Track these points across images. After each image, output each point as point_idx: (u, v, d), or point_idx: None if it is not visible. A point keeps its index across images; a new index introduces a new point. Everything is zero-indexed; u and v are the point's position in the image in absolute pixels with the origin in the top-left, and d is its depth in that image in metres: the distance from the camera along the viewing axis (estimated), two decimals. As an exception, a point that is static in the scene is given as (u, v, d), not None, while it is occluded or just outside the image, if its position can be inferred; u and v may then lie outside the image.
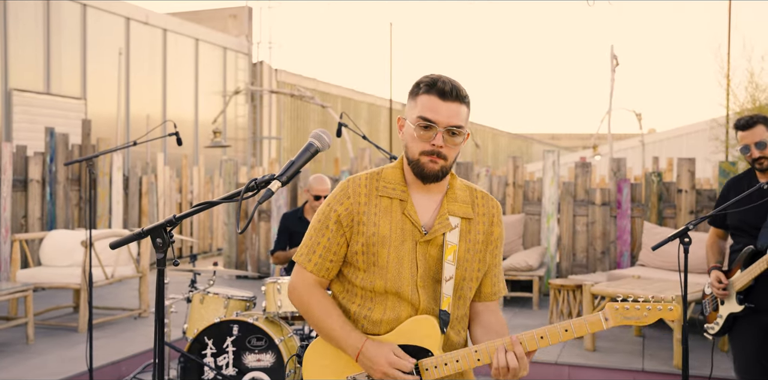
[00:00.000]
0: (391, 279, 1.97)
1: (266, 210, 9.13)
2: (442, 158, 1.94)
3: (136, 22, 13.63)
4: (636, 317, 1.82)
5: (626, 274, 6.37)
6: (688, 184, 7.29)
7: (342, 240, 2.00)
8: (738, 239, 3.36)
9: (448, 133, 1.93)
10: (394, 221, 1.98)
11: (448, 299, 1.99)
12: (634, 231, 7.52)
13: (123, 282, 8.63)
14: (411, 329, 1.98)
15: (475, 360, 1.92)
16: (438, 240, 1.99)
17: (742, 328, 3.31)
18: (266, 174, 6.13)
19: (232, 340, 4.10)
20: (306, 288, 2.04)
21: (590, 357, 5.35)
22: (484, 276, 2.09)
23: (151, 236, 1.57)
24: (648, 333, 6.10)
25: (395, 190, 2.01)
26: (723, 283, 3.28)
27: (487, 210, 2.09)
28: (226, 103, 14.62)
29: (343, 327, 1.98)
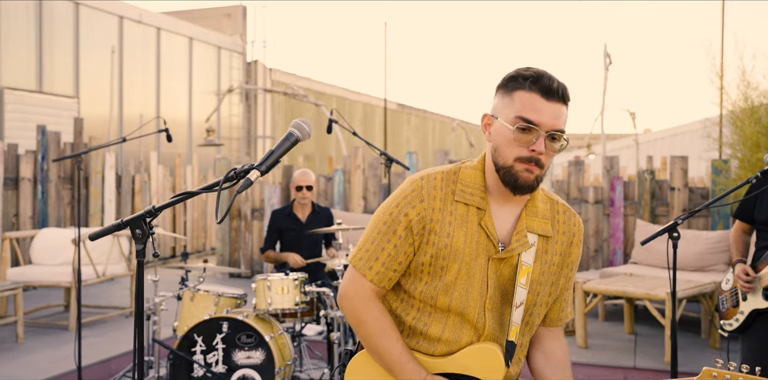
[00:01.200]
0: (458, 297, 1.74)
1: (259, 209, 9.11)
2: (540, 166, 1.69)
3: (129, 21, 13.59)
4: None
5: (619, 272, 6.36)
6: (681, 181, 7.29)
7: (410, 250, 1.76)
8: (766, 235, 3.26)
9: (549, 138, 1.68)
10: (469, 232, 1.74)
11: (516, 328, 1.77)
12: (627, 229, 7.52)
13: (115, 282, 8.60)
14: (471, 358, 1.76)
15: None
16: (513, 260, 1.77)
17: (762, 325, 3.21)
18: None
19: (222, 337, 4.08)
20: (363, 302, 1.80)
21: (582, 355, 5.34)
22: (554, 301, 1.87)
23: (130, 227, 1.55)
24: (640, 331, 6.09)
25: (473, 195, 1.76)
26: (750, 276, 3.18)
27: (567, 229, 1.84)
28: (220, 101, 14.59)
29: (402, 353, 1.76)
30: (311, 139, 19.83)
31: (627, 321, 6.04)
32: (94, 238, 1.56)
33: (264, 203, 9.09)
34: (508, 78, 1.72)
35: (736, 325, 3.30)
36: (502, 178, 1.72)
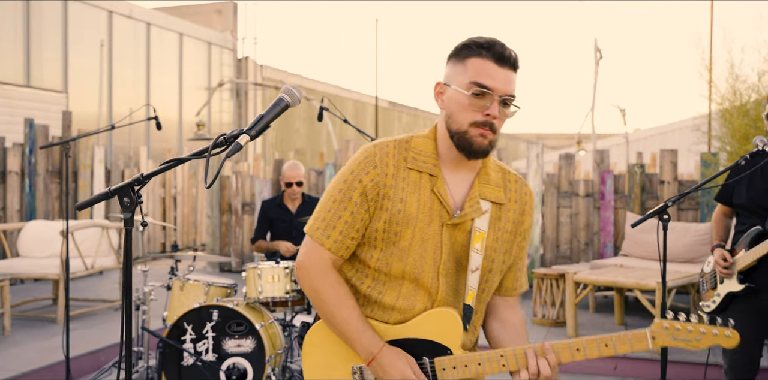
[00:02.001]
0: (412, 263, 1.75)
1: (250, 203, 9.08)
2: (493, 131, 1.72)
3: (119, 16, 13.52)
4: (687, 339, 1.63)
5: (609, 264, 6.38)
6: (671, 175, 7.31)
7: (366, 216, 1.76)
8: (744, 219, 3.32)
9: (501, 104, 1.71)
10: (422, 198, 1.75)
11: (473, 292, 1.78)
12: (617, 222, 7.54)
13: (103, 276, 8.55)
14: (429, 322, 1.77)
15: (500, 366, 1.73)
16: (466, 226, 1.78)
17: (737, 308, 3.28)
18: (252, 170, 6.03)
19: (212, 326, 4.06)
20: (319, 271, 1.79)
21: (573, 345, 5.34)
22: (508, 270, 1.90)
23: (118, 195, 1.53)
24: (630, 322, 6.11)
25: (426, 163, 1.77)
26: (728, 261, 3.25)
27: (519, 197, 1.86)
28: (210, 94, 14.54)
29: (359, 322, 1.76)
30: (302, 133, 19.80)
31: (617, 312, 6.05)
32: (82, 208, 1.54)
33: (255, 197, 9.05)
34: (460, 46, 1.75)
35: (713, 307, 3.37)
36: (456, 144, 1.74)
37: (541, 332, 5.75)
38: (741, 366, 3.27)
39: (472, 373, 1.74)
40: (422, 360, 1.77)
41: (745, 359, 3.26)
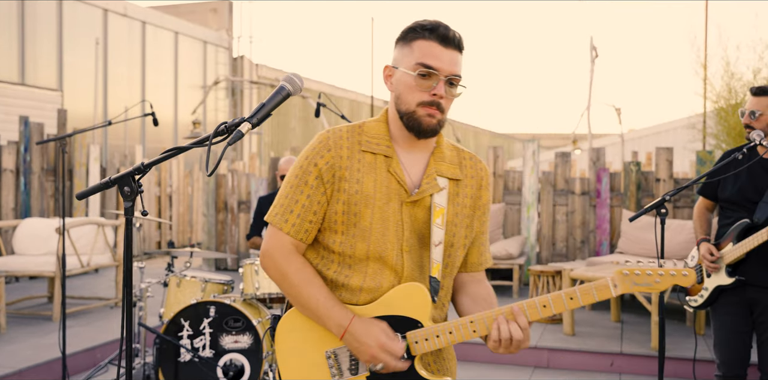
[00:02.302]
0: (375, 242, 1.78)
1: (246, 202, 9.07)
2: (441, 110, 1.77)
3: (114, 14, 13.48)
4: (647, 283, 1.66)
5: (605, 261, 6.39)
6: (666, 173, 7.33)
7: (323, 199, 1.80)
8: (729, 213, 3.33)
9: (448, 83, 1.77)
10: (378, 179, 1.80)
11: (438, 266, 1.82)
12: (613, 220, 7.55)
13: (99, 274, 8.53)
14: (397, 298, 1.80)
15: (471, 332, 1.74)
16: (425, 202, 1.83)
17: (725, 301, 3.31)
18: (248, 169, 6.01)
19: (209, 322, 4.05)
20: (283, 255, 1.82)
21: (569, 341, 5.35)
22: (471, 245, 1.94)
23: (118, 185, 1.53)
24: (626, 319, 6.13)
25: (379, 145, 1.82)
26: (714, 256, 3.27)
27: (475, 173, 1.93)
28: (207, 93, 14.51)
29: (327, 299, 1.78)
30: (298, 132, 19.78)
31: (613, 310, 6.06)
32: (83, 197, 1.54)
33: (251, 196, 9.04)
34: (406, 30, 1.80)
35: (701, 301, 3.39)
36: (406, 124, 1.79)
37: (538, 329, 5.76)
38: (733, 360, 3.28)
39: (444, 342, 1.76)
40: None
41: (736, 352, 3.28)
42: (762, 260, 3.18)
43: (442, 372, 1.89)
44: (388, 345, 1.73)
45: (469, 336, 1.75)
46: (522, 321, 1.70)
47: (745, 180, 3.25)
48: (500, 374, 5.00)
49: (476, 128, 35.97)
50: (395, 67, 1.82)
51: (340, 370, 1.82)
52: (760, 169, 3.22)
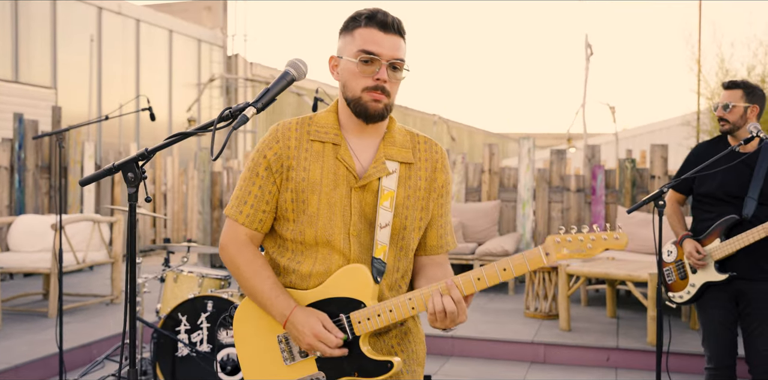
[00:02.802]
0: (322, 227, 1.84)
1: (241, 199, 9.05)
2: (386, 95, 1.81)
3: (108, 12, 13.45)
4: (579, 249, 1.64)
5: (601, 256, 6.41)
6: (661, 170, 7.36)
7: (273, 189, 1.87)
8: (709, 207, 3.35)
9: (390, 68, 1.81)
10: (326, 166, 1.85)
11: (383, 247, 1.85)
12: (608, 216, 7.58)
13: (94, 271, 8.50)
14: (341, 280, 1.84)
15: (410, 309, 1.78)
16: (373, 186, 1.86)
17: (712, 295, 3.34)
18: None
19: (207, 316, 4.04)
20: (236, 247, 1.90)
21: (566, 337, 5.37)
22: (429, 228, 1.96)
23: (122, 170, 1.53)
24: (621, 315, 6.15)
25: (328, 134, 1.87)
26: (702, 254, 3.29)
27: (430, 156, 1.94)
28: (202, 90, 14.48)
29: (272, 289, 1.85)
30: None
31: (609, 305, 6.08)
32: (86, 183, 1.54)
33: (246, 193, 9.03)
34: (348, 20, 1.85)
35: (688, 297, 3.42)
36: (353, 110, 1.83)
37: (534, 325, 5.78)
38: (722, 352, 3.31)
39: (386, 320, 1.79)
40: (339, 317, 1.83)
41: (725, 344, 3.31)
42: (750, 254, 3.22)
43: (407, 353, 1.94)
44: (322, 335, 1.78)
45: (408, 314, 1.78)
46: (456, 294, 1.71)
47: (726, 175, 3.27)
48: (497, 369, 5.02)
49: (471, 127, 36.00)
50: (340, 57, 1.86)
51: (291, 354, 1.88)
52: (740, 164, 3.25)
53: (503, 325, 5.76)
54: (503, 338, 5.36)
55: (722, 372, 3.31)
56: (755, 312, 3.23)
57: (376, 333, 1.90)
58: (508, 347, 5.31)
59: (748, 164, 3.26)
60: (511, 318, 6.04)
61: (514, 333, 5.50)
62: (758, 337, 3.23)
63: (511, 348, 5.30)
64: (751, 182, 3.21)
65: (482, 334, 5.43)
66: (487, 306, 6.60)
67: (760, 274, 3.22)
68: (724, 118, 3.31)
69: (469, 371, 4.92)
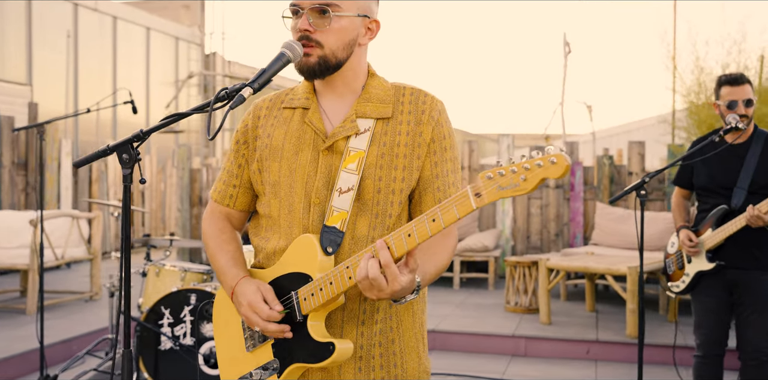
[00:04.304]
0: (284, 196, 1.69)
1: (221, 196, 9.02)
2: (317, 45, 1.64)
3: (84, 9, 13.31)
4: (513, 184, 1.36)
5: (579, 251, 6.49)
6: (639, 166, 7.46)
7: (242, 161, 1.78)
8: (705, 199, 3.41)
9: (316, 14, 1.64)
10: (290, 131, 1.72)
11: (341, 214, 1.64)
12: (586, 213, 7.66)
13: (72, 269, 8.42)
14: (292, 255, 1.68)
15: (347, 279, 1.55)
16: (340, 147, 1.68)
17: (706, 284, 3.39)
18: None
19: (190, 310, 4.03)
20: (208, 221, 1.85)
21: (546, 330, 5.43)
22: (423, 193, 1.71)
23: (117, 152, 1.53)
24: (601, 309, 6.22)
25: (300, 99, 1.74)
26: (693, 242, 3.35)
27: (414, 108, 1.71)
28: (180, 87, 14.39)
29: (228, 262, 1.76)
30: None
31: (588, 300, 6.15)
32: (80, 165, 1.54)
33: (225, 190, 9.00)
34: None
35: (683, 287, 3.47)
36: (297, 70, 1.69)
37: (515, 319, 5.83)
38: (712, 342, 3.37)
39: (327, 294, 1.58)
40: (290, 295, 1.67)
41: (716, 333, 3.36)
42: (740, 244, 3.27)
43: (386, 368, 1.71)
44: (255, 304, 1.64)
45: (346, 285, 1.56)
46: (385, 255, 1.47)
47: (717, 167, 3.33)
48: (478, 362, 5.06)
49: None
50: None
51: (253, 340, 1.76)
52: (729, 154, 3.31)
53: (484, 319, 5.80)
54: (484, 332, 5.41)
55: (710, 361, 3.37)
56: (747, 301, 3.28)
57: (357, 329, 1.68)
58: (490, 340, 5.36)
59: (739, 155, 3.30)
60: (492, 313, 6.08)
61: (495, 327, 5.55)
62: (750, 326, 3.28)
63: (492, 342, 5.34)
64: (741, 172, 3.26)
65: (463, 328, 5.47)
66: (467, 301, 6.64)
67: (752, 263, 3.27)
68: (746, 113, 3.23)
69: (450, 364, 4.95)
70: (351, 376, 1.68)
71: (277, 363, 1.69)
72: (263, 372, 1.71)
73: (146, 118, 15.03)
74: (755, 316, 3.26)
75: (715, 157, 3.28)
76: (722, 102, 3.26)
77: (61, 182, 9.00)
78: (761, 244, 3.26)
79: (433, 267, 1.67)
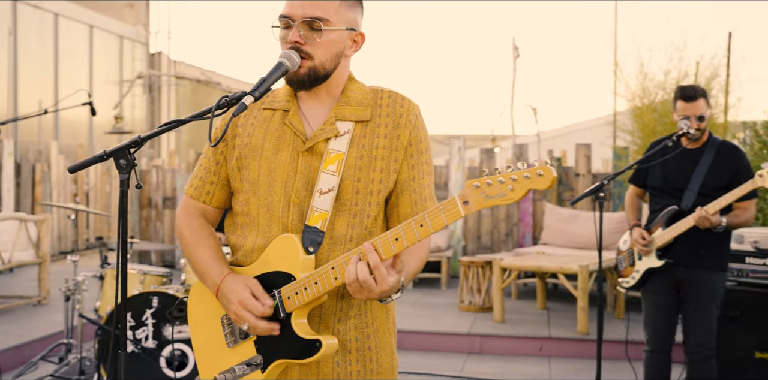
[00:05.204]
0: (263, 194, 1.74)
1: (171, 198, 8.92)
2: (307, 56, 1.69)
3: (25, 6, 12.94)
4: (501, 194, 1.43)
5: (531, 251, 6.67)
6: (585, 168, 7.70)
7: (221, 158, 1.82)
8: (658, 200, 3.59)
9: (306, 27, 1.69)
10: (269, 131, 1.76)
11: (322, 214, 1.70)
12: (535, 213, 7.87)
13: (15, 273, 8.19)
14: (273, 253, 1.72)
15: (333, 279, 1.61)
16: (321, 149, 1.73)
17: (654, 281, 3.56)
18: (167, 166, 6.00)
19: (152, 312, 4.02)
20: (184, 217, 1.86)
21: (500, 328, 5.57)
22: (400, 194, 1.77)
23: (114, 157, 1.56)
24: (551, 307, 6.41)
25: (280, 101, 1.80)
26: (646, 240, 3.51)
27: (392, 111, 1.77)
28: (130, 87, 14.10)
29: (210, 257, 1.78)
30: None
31: (540, 298, 6.33)
32: (75, 170, 1.56)
33: (176, 192, 8.90)
34: None
35: (633, 282, 3.65)
36: (286, 81, 1.74)
37: (469, 318, 5.96)
38: (661, 335, 3.55)
39: (312, 294, 1.64)
40: (272, 293, 1.71)
41: (664, 328, 3.55)
42: (688, 243, 3.45)
43: (362, 362, 1.78)
44: (247, 302, 1.67)
45: (332, 285, 1.62)
46: (373, 258, 1.54)
47: (671, 169, 3.52)
48: (435, 360, 5.16)
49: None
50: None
51: (234, 336, 1.79)
52: (683, 159, 3.49)
53: (439, 319, 5.92)
54: (440, 330, 5.52)
55: (659, 356, 3.55)
56: (692, 299, 3.47)
57: (334, 326, 1.75)
58: (446, 339, 5.47)
59: (692, 159, 3.49)
60: (446, 312, 6.20)
61: (450, 325, 5.67)
62: (693, 322, 3.46)
63: (448, 340, 5.46)
64: (693, 175, 3.44)
65: (419, 327, 5.57)
66: (420, 301, 6.75)
67: (698, 262, 3.46)
68: (700, 128, 3.41)
69: (408, 363, 5.04)
70: (329, 370, 1.75)
71: (261, 359, 1.73)
72: (246, 368, 1.75)
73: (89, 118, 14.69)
74: (699, 313, 3.45)
75: (671, 160, 3.47)
76: (677, 115, 3.45)
77: (3, 183, 8.76)
78: (707, 244, 3.44)
79: (414, 266, 1.76)
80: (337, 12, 1.70)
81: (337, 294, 1.74)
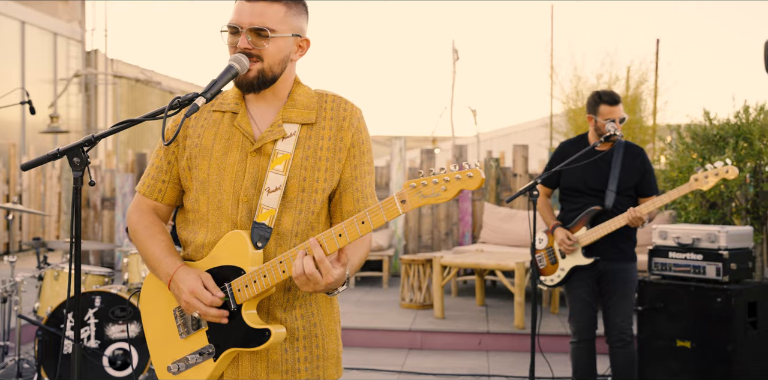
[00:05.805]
0: (212, 193, 1.83)
1: (110, 199, 8.79)
2: (258, 59, 1.78)
3: (-47, 0, 12.52)
4: (435, 194, 1.57)
5: (470, 249, 6.85)
6: (522, 168, 7.94)
7: (172, 158, 1.90)
8: (575, 200, 3.79)
9: (254, 34, 1.77)
10: (219, 132, 1.85)
11: (269, 211, 1.80)
12: (474, 212, 8.07)
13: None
14: (223, 249, 1.83)
15: (281, 272, 1.73)
16: (268, 150, 1.83)
17: (578, 277, 3.77)
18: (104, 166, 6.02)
19: (95, 312, 4.01)
20: (136, 214, 1.93)
21: (440, 324, 5.73)
22: (343, 193, 1.89)
23: (68, 155, 1.60)
24: (490, 303, 6.60)
25: (229, 104, 1.88)
26: (572, 240, 3.71)
27: (336, 115, 1.88)
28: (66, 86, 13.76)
29: (162, 251, 1.86)
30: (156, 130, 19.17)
31: (478, 295, 6.52)
32: (28, 167, 1.60)
33: (115, 192, 8.78)
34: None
35: (558, 280, 3.85)
36: (236, 84, 1.82)
37: (410, 315, 6.09)
38: (585, 326, 3.77)
39: (261, 286, 1.75)
40: (223, 286, 1.81)
41: (588, 319, 3.77)
42: (608, 239, 3.68)
43: (309, 349, 1.89)
44: (198, 291, 1.76)
45: (280, 278, 1.74)
46: (318, 252, 1.66)
47: (588, 171, 3.73)
48: (377, 356, 5.27)
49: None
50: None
51: (187, 327, 1.88)
52: (598, 160, 3.71)
53: (381, 316, 6.03)
54: (382, 327, 5.64)
55: (584, 345, 3.77)
56: (612, 289, 3.70)
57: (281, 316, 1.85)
58: (387, 335, 5.59)
59: (606, 161, 3.72)
60: (388, 309, 6.33)
61: (392, 322, 5.79)
62: (613, 311, 3.69)
63: (390, 337, 5.58)
64: (609, 176, 3.67)
65: (362, 324, 5.67)
66: (363, 299, 6.86)
67: (617, 254, 3.70)
68: (619, 129, 3.66)
69: (351, 359, 5.13)
70: (278, 357, 1.86)
71: (213, 349, 1.83)
72: (199, 357, 1.85)
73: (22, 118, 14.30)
74: (620, 302, 3.70)
75: (587, 162, 3.67)
76: (600, 118, 3.68)
77: (-67, 184, 8.47)
78: (626, 239, 3.73)
79: (357, 259, 1.88)
80: (282, 21, 1.79)
81: (284, 286, 1.86)
